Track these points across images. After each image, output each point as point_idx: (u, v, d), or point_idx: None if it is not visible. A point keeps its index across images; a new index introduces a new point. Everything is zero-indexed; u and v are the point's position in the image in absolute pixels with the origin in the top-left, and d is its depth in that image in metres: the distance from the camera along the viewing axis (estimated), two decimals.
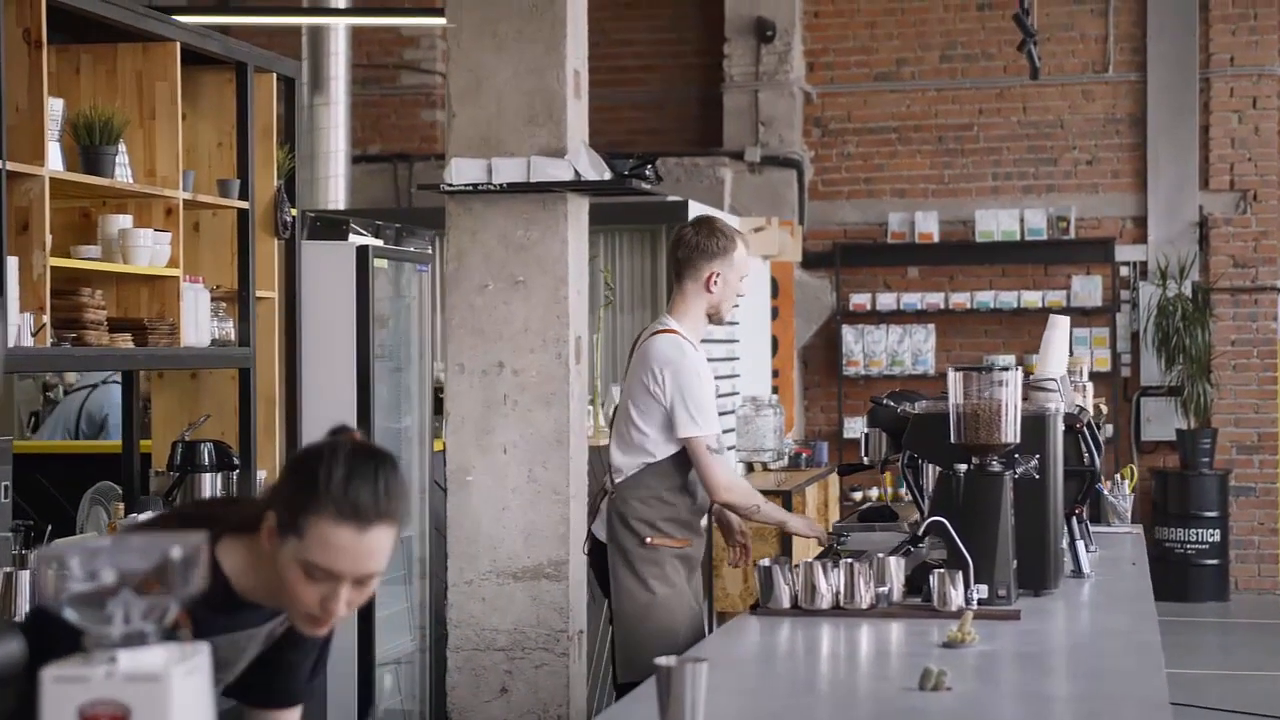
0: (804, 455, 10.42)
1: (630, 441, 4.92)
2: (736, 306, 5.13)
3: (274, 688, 2.77)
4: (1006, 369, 4.42)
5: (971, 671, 3.45)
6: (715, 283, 4.94)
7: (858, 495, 11.60)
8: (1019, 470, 4.44)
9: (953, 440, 4.38)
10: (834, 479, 10.82)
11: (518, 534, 5.46)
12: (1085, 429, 5.06)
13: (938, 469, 4.54)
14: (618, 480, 4.92)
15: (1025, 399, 5.07)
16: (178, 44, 4.97)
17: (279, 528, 2.46)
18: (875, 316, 12.47)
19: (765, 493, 8.74)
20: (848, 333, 12.47)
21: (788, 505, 8.80)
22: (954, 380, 4.39)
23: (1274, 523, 12.16)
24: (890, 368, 12.33)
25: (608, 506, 4.95)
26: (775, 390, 11.80)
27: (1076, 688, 3.44)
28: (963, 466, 4.35)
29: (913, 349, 12.39)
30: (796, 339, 12.39)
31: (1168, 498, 11.86)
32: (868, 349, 12.46)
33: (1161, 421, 12.12)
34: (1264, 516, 12.15)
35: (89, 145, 4.59)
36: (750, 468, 10.00)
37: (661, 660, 2.72)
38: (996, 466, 4.36)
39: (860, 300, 12.47)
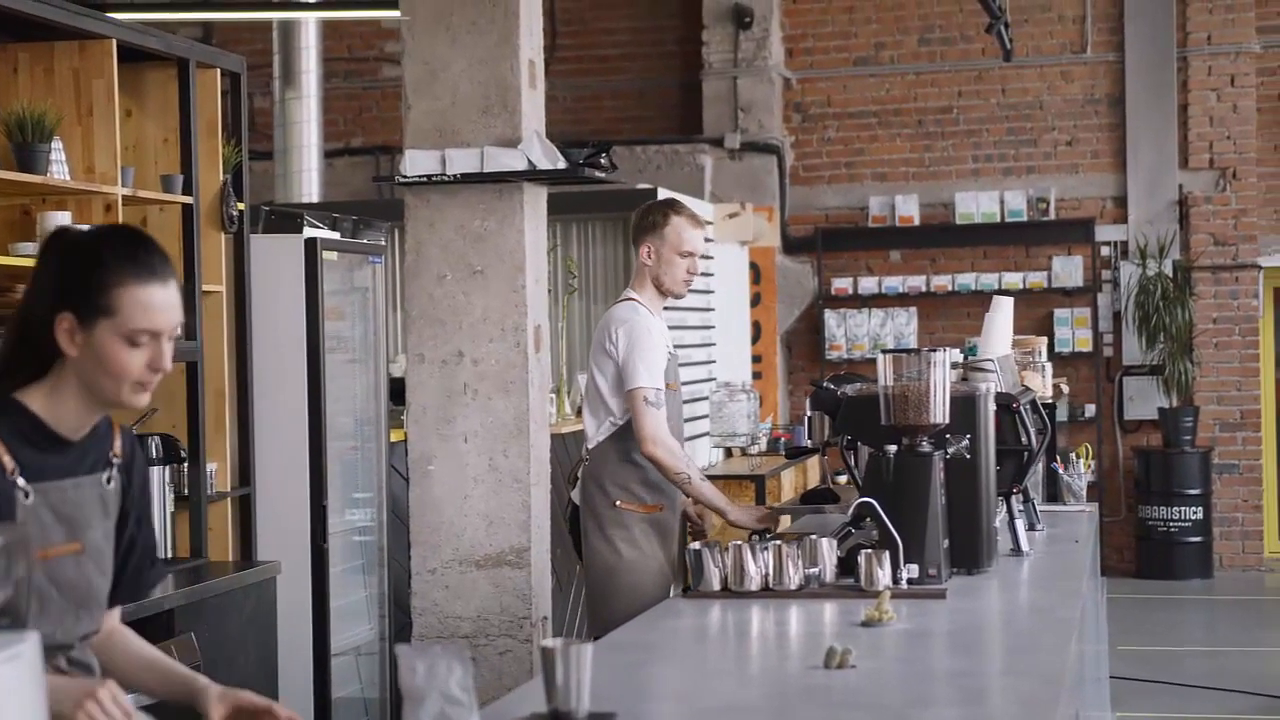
0: (783, 440, 10.44)
1: (595, 405, 5.19)
2: (688, 281, 5.30)
3: (138, 566, 2.84)
4: (935, 351, 4.44)
5: (883, 649, 3.49)
6: (650, 255, 5.26)
7: (843, 479, 11.59)
8: (950, 450, 4.46)
9: (883, 421, 4.41)
10: (814, 464, 10.85)
11: (480, 522, 5.49)
12: (1025, 409, 5.08)
13: (869, 450, 4.57)
14: (590, 446, 5.19)
15: (963, 380, 5.10)
16: (114, 41, 5.00)
17: (81, 320, 2.59)
18: (857, 300, 12.49)
19: (738, 478, 8.86)
20: (830, 317, 12.49)
21: (760, 490, 8.84)
22: (883, 362, 4.43)
23: (1257, 499, 12.18)
24: (873, 351, 12.32)
25: (584, 473, 5.21)
26: (758, 376, 11.84)
27: (980, 663, 3.48)
28: (892, 447, 4.38)
29: (895, 332, 12.41)
30: (779, 324, 12.42)
31: (1151, 476, 11.88)
32: (850, 333, 12.48)
33: (1144, 400, 12.14)
34: (1247, 493, 12.16)
35: (21, 143, 4.63)
36: (728, 452, 10.04)
37: (546, 642, 2.76)
38: (926, 447, 4.39)
39: (842, 284, 12.49)
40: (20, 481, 2.58)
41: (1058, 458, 6.53)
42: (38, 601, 2.56)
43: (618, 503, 5.10)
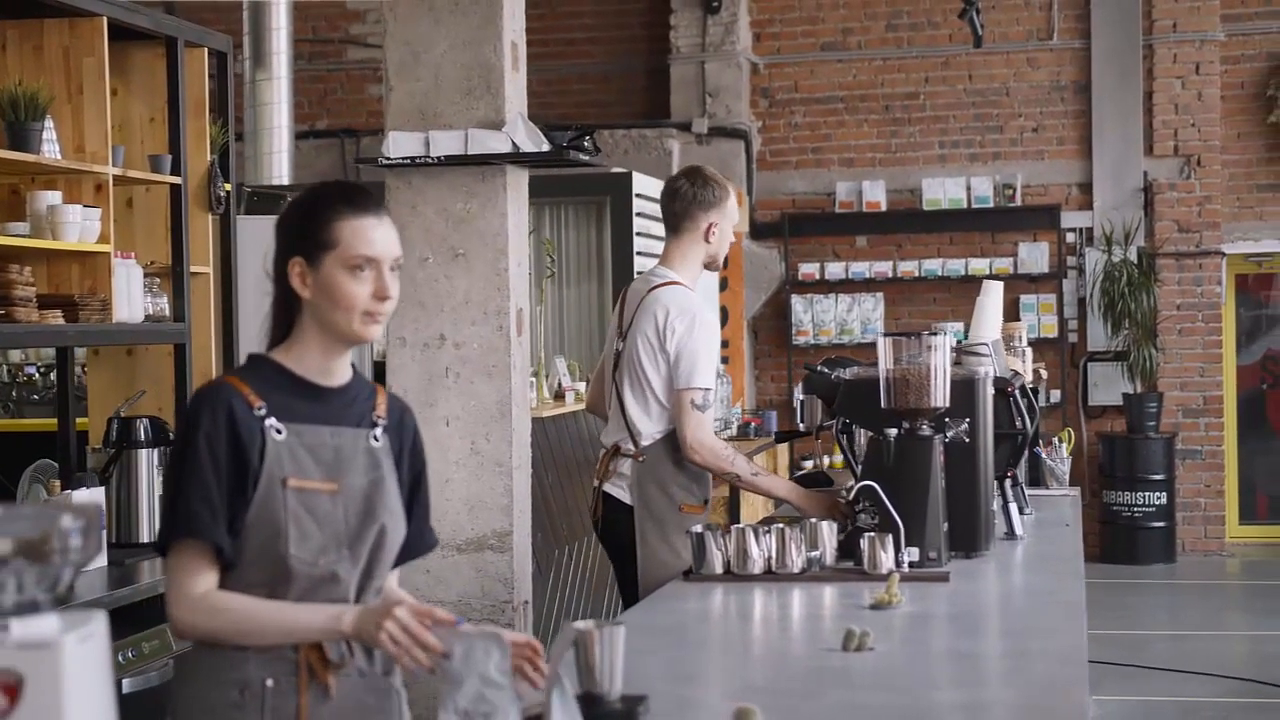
0: (753, 425, 10.46)
1: (645, 400, 4.82)
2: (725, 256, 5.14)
3: (418, 526, 2.92)
4: (936, 334, 4.45)
5: (895, 632, 3.49)
6: (713, 233, 4.92)
7: (809, 464, 11.64)
8: (949, 434, 4.48)
9: (883, 405, 4.41)
10: (783, 448, 10.88)
11: (461, 506, 5.48)
12: (1017, 393, 5.09)
13: (869, 434, 4.58)
14: (644, 444, 4.81)
15: (957, 364, 5.12)
16: (104, 19, 4.94)
17: (309, 260, 2.77)
18: (824, 286, 12.52)
19: None
20: (797, 302, 12.51)
21: None
22: (884, 346, 4.43)
23: (1220, 485, 12.28)
24: (839, 336, 12.38)
25: (638, 471, 4.82)
26: (725, 360, 11.84)
27: (995, 645, 3.49)
28: (893, 431, 4.38)
29: (861, 317, 12.44)
30: (746, 309, 12.43)
31: (1115, 461, 11.96)
32: (817, 318, 12.51)
33: (1108, 386, 12.22)
34: (1210, 479, 12.26)
35: (14, 121, 4.57)
36: None
37: (578, 624, 2.75)
38: (926, 430, 4.40)
39: (809, 270, 12.51)
40: (271, 421, 2.74)
41: (1040, 441, 6.55)
42: (297, 528, 2.72)
43: (683, 506, 4.82)
